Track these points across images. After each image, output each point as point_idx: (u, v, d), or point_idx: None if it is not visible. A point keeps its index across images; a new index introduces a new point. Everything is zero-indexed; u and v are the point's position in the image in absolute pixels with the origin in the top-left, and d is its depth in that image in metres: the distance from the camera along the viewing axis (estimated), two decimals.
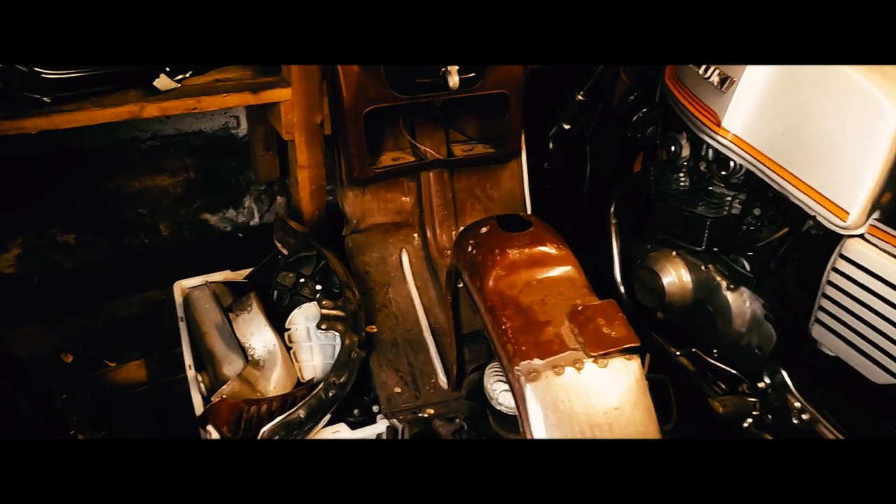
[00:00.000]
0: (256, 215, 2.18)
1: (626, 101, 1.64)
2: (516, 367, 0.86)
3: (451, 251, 1.13)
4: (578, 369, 0.85)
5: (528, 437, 0.83)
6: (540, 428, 0.82)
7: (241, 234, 2.13)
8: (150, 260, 1.97)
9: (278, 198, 2.19)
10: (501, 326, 0.91)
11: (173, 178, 2.04)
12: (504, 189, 1.68)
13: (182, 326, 1.46)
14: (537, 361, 0.86)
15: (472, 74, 1.35)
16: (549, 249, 0.99)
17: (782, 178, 1.11)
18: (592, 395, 0.84)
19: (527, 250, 0.98)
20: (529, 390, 0.84)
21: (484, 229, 1.04)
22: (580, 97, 1.69)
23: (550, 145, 1.83)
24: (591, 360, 0.85)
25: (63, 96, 1.24)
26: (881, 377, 1.01)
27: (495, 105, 1.55)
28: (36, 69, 1.18)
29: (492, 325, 0.94)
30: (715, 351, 1.35)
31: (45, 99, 1.21)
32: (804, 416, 1.17)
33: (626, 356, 0.87)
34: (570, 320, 0.90)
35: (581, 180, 1.80)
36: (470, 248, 1.03)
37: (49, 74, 1.19)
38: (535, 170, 1.74)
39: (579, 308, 0.91)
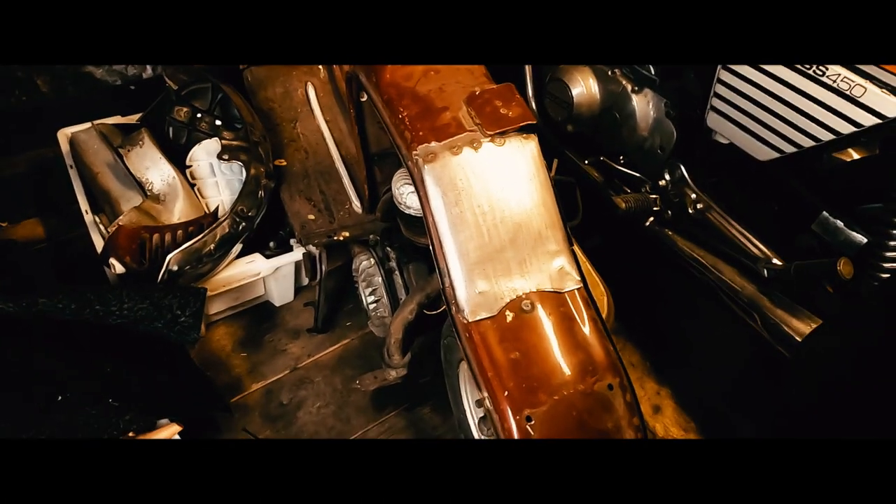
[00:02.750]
0: (149, 67, 1.99)
1: None
2: (414, 153, 0.85)
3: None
4: (476, 149, 0.84)
5: (430, 217, 0.83)
6: (439, 207, 0.83)
7: (132, 87, 1.95)
8: (30, 117, 1.79)
9: None
10: (398, 115, 0.89)
11: None
12: None
13: (73, 173, 1.36)
14: (434, 144, 0.84)
15: None
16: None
17: None
18: (490, 172, 0.84)
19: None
20: (427, 171, 0.83)
21: None
22: None
23: None
24: (489, 139, 0.85)
25: None
26: (767, 154, 1.06)
27: None
28: None
29: (390, 117, 0.91)
30: (621, 158, 1.38)
31: None
32: (699, 206, 1.24)
33: (524, 135, 0.87)
34: (467, 104, 0.88)
35: None
36: None
37: None
38: None
39: (477, 92, 0.89)
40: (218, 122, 1.38)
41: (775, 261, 1.13)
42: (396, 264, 1.16)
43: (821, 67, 0.94)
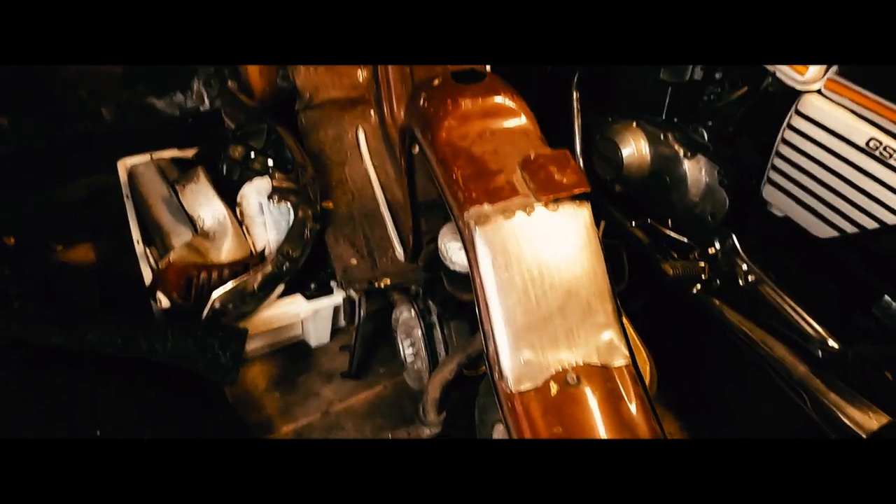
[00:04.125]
0: (206, 100, 2.07)
1: None
2: (466, 213, 0.84)
3: (405, 109, 1.09)
4: (528, 213, 0.84)
5: (478, 280, 0.83)
6: (488, 270, 0.82)
7: (190, 120, 2.03)
8: (93, 144, 1.87)
9: (229, 82, 2.06)
10: (452, 176, 0.89)
11: None
12: (466, 66, 1.60)
13: (128, 204, 1.41)
14: (487, 206, 0.84)
15: None
16: (502, 100, 0.95)
17: None
18: (542, 238, 0.83)
19: (480, 101, 0.94)
20: (479, 234, 0.83)
21: (437, 81, 0.99)
22: None
23: None
24: (542, 204, 0.84)
25: None
26: (825, 231, 1.03)
27: None
28: None
29: (443, 175, 0.91)
30: (670, 221, 1.36)
31: None
32: (750, 278, 1.20)
33: (577, 202, 0.86)
34: (521, 168, 0.88)
35: None
36: (422, 102, 0.98)
37: None
38: None
39: (532, 157, 0.89)
40: (270, 162, 1.41)
41: (831, 342, 1.08)
42: (437, 319, 1.15)
43: (889, 149, 0.91)
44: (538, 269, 0.82)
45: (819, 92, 1.01)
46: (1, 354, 0.93)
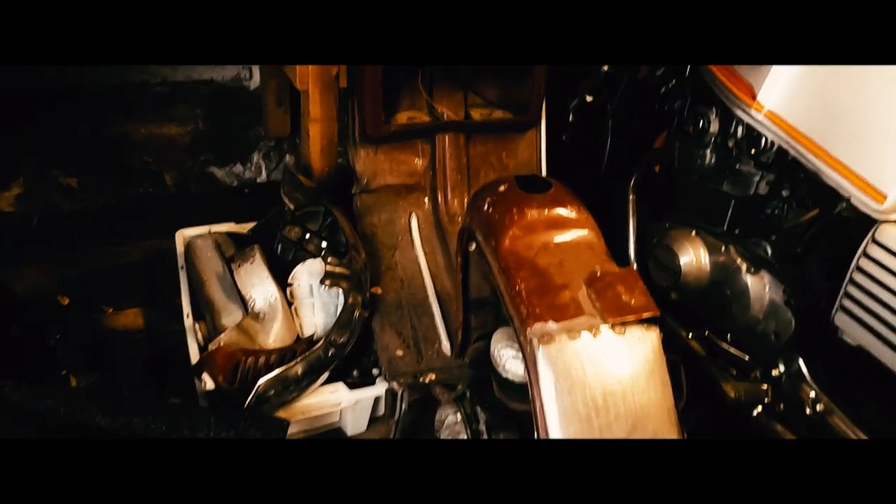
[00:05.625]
0: (264, 172, 2.14)
1: (653, 75, 1.58)
2: (529, 330, 0.82)
3: (465, 210, 1.09)
4: (594, 335, 0.81)
5: (538, 402, 0.79)
6: (550, 394, 0.79)
7: (247, 190, 2.09)
8: (153, 209, 1.93)
9: (287, 156, 2.14)
10: (515, 287, 0.87)
11: (181, 128, 1.99)
12: (520, 159, 1.62)
13: (182, 275, 1.43)
14: (552, 324, 0.81)
15: None
16: (568, 212, 0.95)
17: (817, 157, 1.06)
18: (607, 363, 0.80)
19: (546, 211, 0.94)
20: (542, 353, 0.80)
21: (502, 188, 0.99)
22: (605, 68, 1.63)
23: (570, 117, 1.77)
24: (609, 326, 0.81)
25: None
26: None
27: (517, 70, 1.49)
28: None
29: (505, 286, 0.89)
30: (729, 335, 1.31)
31: None
32: (818, 407, 1.13)
33: (645, 326, 0.83)
34: (587, 285, 0.86)
35: (600, 154, 1.74)
36: (486, 207, 0.98)
37: None
38: (553, 142, 1.68)
39: (598, 273, 0.87)
40: (324, 244, 1.42)
41: None
42: (486, 428, 1.10)
43: None
44: (603, 396, 0.78)
45: None
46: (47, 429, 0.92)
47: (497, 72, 1.55)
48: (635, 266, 1.45)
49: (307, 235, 1.43)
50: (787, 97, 1.10)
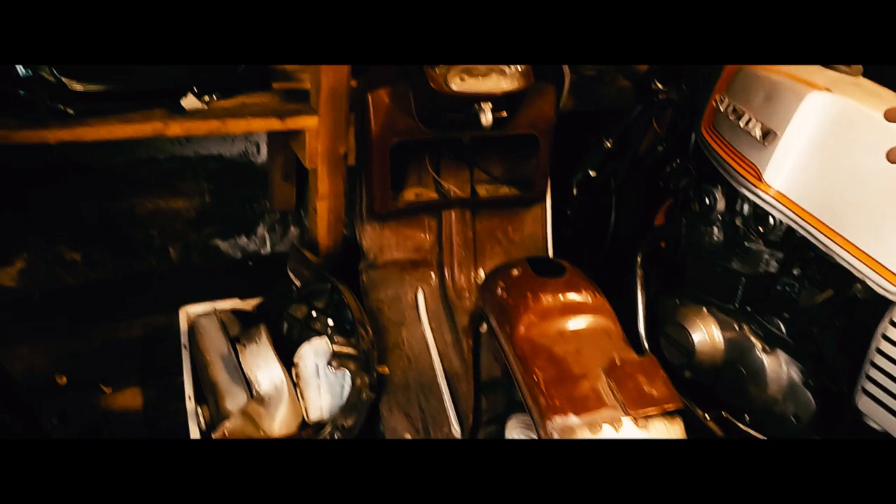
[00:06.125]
0: (268, 244, 2.14)
1: (655, 151, 1.62)
2: (549, 423, 0.80)
3: (477, 293, 1.08)
4: (616, 428, 0.78)
5: None
6: None
7: (251, 263, 2.08)
8: (155, 282, 1.92)
9: (292, 228, 2.15)
10: (533, 377, 0.85)
11: (188, 202, 2.01)
12: (526, 232, 1.63)
13: (185, 354, 1.40)
14: (573, 418, 0.79)
15: (504, 114, 1.33)
16: (584, 297, 0.94)
17: (829, 238, 1.06)
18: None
19: (561, 297, 0.93)
20: None
21: (515, 272, 0.99)
22: (608, 144, 1.67)
23: (574, 191, 1.80)
24: (631, 419, 0.79)
25: (88, 109, 1.21)
26: None
27: (522, 146, 1.52)
28: (63, 80, 1.16)
29: (522, 374, 0.87)
30: (746, 416, 1.27)
31: (69, 111, 1.18)
32: None
33: (668, 418, 0.80)
34: (607, 375, 0.84)
35: (604, 229, 1.75)
36: (500, 291, 0.97)
37: (76, 87, 1.17)
38: (557, 214, 1.70)
39: (618, 363, 0.85)
40: (330, 322, 1.40)
41: None
42: None
43: None
44: None
45: None
46: None
47: (502, 148, 1.58)
48: (646, 344, 1.43)
49: (314, 313, 1.41)
50: (794, 178, 1.11)
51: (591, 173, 1.71)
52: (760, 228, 1.20)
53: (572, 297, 0.93)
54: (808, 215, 1.09)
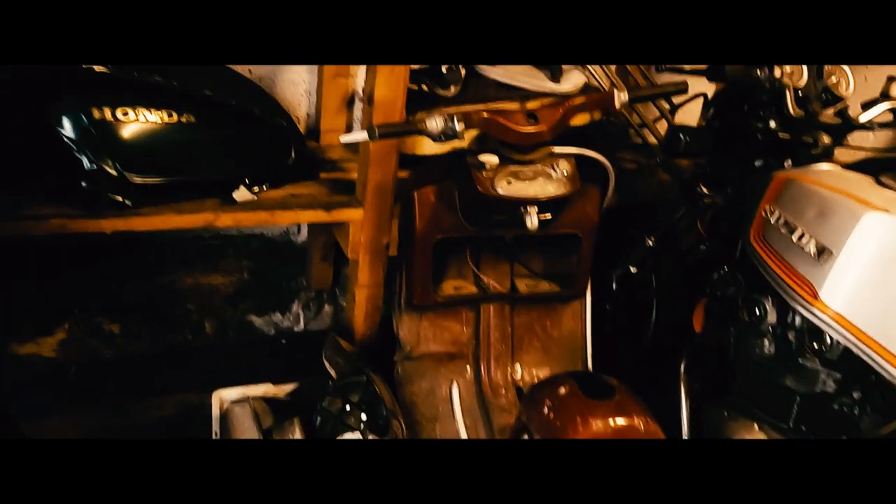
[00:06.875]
0: (302, 322, 2.14)
1: (697, 251, 1.60)
2: None
3: (521, 405, 1.05)
4: None
5: None
6: None
7: (283, 340, 2.08)
8: (189, 358, 1.92)
9: (326, 306, 2.15)
10: None
11: (226, 278, 2.03)
12: (565, 329, 1.60)
13: None
14: None
15: (549, 216, 1.33)
16: (636, 423, 0.90)
17: (892, 365, 1.01)
18: None
19: (612, 422, 0.90)
20: None
21: (563, 390, 0.96)
22: (650, 242, 1.65)
23: (614, 286, 1.77)
24: None
25: (144, 200, 1.25)
26: None
27: (564, 243, 1.52)
28: (125, 173, 1.20)
29: None
30: None
31: (126, 202, 1.22)
32: None
33: None
34: None
35: (643, 326, 1.72)
36: (546, 410, 0.94)
37: (136, 179, 1.21)
38: (596, 309, 1.67)
39: None
40: (364, 417, 1.37)
41: None
42: None
43: None
44: None
45: None
46: None
47: (544, 244, 1.57)
48: None
49: (348, 407, 1.38)
50: (853, 299, 1.07)
51: (632, 269, 1.69)
52: (816, 346, 1.15)
53: (623, 422, 0.90)
54: (870, 340, 1.05)
